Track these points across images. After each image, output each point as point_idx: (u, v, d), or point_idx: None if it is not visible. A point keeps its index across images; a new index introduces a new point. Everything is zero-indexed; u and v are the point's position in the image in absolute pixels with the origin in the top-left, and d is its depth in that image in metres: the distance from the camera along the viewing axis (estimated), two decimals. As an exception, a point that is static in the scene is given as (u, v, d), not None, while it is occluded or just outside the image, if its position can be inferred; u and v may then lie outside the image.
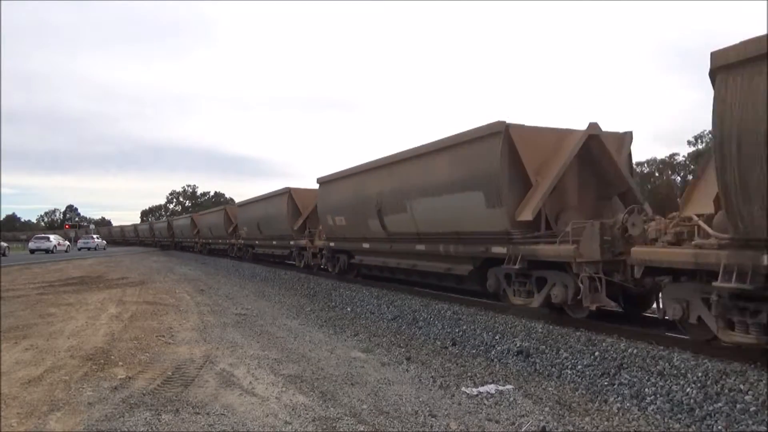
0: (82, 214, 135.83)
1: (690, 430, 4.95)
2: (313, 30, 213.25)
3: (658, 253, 6.68)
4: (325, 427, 4.95)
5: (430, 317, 9.97)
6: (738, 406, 4.93)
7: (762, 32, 5.35)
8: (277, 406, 5.53)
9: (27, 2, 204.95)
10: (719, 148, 5.44)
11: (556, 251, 8.17)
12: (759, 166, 5.12)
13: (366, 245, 14.22)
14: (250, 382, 6.35)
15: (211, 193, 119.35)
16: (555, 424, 5.10)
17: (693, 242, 6.23)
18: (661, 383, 5.65)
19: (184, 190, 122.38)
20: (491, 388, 6.19)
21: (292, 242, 20.30)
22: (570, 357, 6.86)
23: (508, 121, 8.84)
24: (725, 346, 6.11)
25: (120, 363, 7.15)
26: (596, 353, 6.66)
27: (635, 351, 6.35)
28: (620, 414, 5.36)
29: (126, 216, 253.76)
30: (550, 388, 6.25)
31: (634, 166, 10.57)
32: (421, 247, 11.55)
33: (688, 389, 5.39)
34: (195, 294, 15.67)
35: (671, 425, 5.05)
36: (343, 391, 6.11)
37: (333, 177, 16.00)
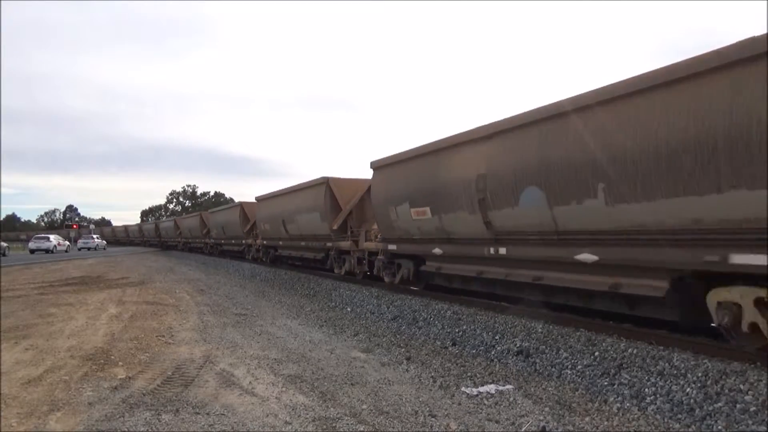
0: (82, 214, 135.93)
1: (690, 430, 4.95)
2: (314, 30, 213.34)
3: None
4: (325, 427, 4.95)
5: (430, 317, 9.97)
6: (738, 406, 4.93)
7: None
8: (277, 406, 5.53)
9: (27, 2, 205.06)
10: None
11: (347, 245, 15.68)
12: None
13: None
14: (250, 382, 6.35)
15: (211, 193, 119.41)
16: (555, 424, 5.09)
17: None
18: (661, 383, 5.65)
19: (184, 190, 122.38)
20: (491, 388, 6.19)
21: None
22: (570, 357, 6.86)
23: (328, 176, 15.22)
24: (725, 347, 6.11)
25: (120, 363, 7.15)
26: (596, 353, 6.66)
27: (635, 351, 6.35)
28: (620, 414, 5.35)
29: (126, 216, 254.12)
30: (550, 388, 6.25)
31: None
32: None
33: (688, 389, 5.38)
34: (195, 294, 15.68)
35: (671, 425, 5.05)
36: (343, 391, 6.11)
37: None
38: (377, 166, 13.37)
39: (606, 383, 6.08)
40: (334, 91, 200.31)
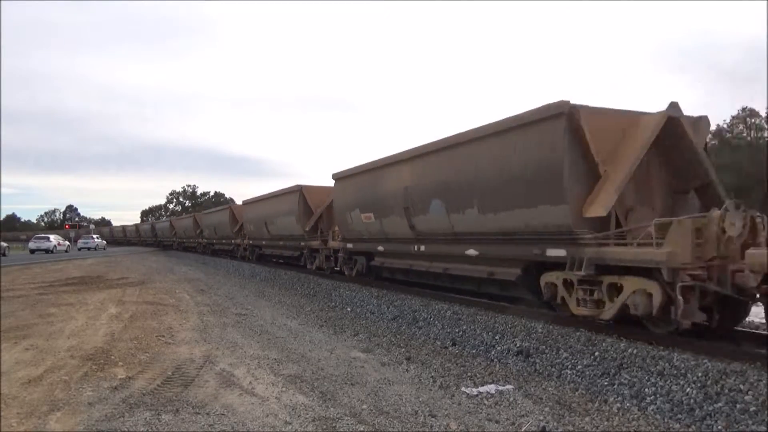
0: (82, 214, 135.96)
1: (690, 430, 4.95)
2: (314, 30, 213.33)
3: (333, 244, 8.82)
4: (325, 427, 4.95)
5: (430, 317, 9.97)
6: (738, 406, 4.94)
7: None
8: (277, 406, 5.53)
9: (27, 2, 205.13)
10: None
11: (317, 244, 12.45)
12: None
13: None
14: (250, 382, 6.36)
15: (211, 193, 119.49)
16: (555, 424, 5.10)
17: None
18: (661, 383, 5.65)
19: (184, 190, 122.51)
20: (491, 388, 6.19)
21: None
22: (570, 357, 6.86)
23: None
24: (725, 347, 6.11)
25: (120, 363, 7.15)
26: (596, 353, 6.66)
27: (635, 351, 6.35)
28: (620, 414, 5.36)
29: (126, 216, 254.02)
30: (550, 388, 6.26)
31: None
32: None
33: (688, 389, 5.39)
34: (195, 294, 15.68)
35: (671, 425, 5.05)
36: (343, 391, 6.11)
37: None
38: (337, 177, 15.66)
39: (606, 383, 6.09)
40: (334, 91, 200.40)
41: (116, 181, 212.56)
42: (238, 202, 31.21)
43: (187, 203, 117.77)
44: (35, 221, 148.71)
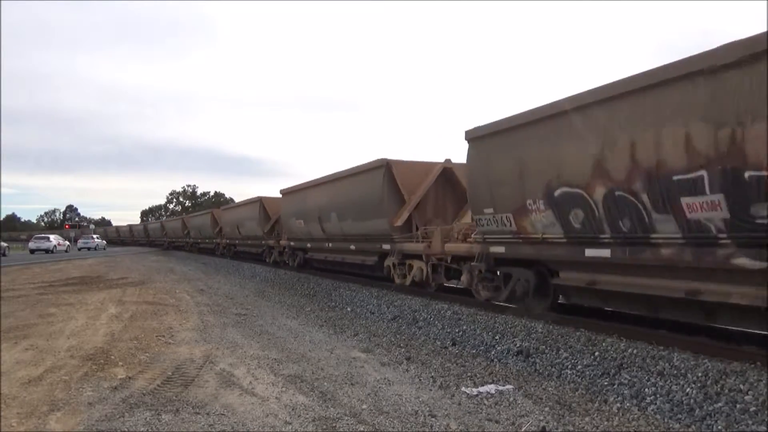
0: (82, 214, 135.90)
1: (690, 430, 4.95)
2: (314, 30, 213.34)
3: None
4: (325, 427, 4.95)
5: (430, 317, 9.97)
6: (738, 406, 4.93)
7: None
8: (277, 406, 5.53)
9: (27, 2, 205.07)
10: None
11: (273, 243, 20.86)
12: None
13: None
14: (250, 382, 6.35)
15: (211, 193, 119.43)
16: (555, 424, 5.10)
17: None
18: (661, 383, 5.65)
19: (184, 190, 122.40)
20: (491, 388, 6.19)
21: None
22: (570, 357, 6.86)
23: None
24: (724, 347, 6.12)
25: (120, 363, 7.15)
26: (596, 353, 6.66)
27: (635, 351, 6.35)
28: (620, 414, 5.35)
29: (126, 216, 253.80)
30: (550, 388, 6.25)
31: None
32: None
33: (688, 389, 5.39)
34: (195, 294, 15.68)
35: (671, 425, 5.05)
36: (343, 391, 6.11)
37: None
38: (284, 192, 21.07)
39: (606, 383, 6.09)
40: (334, 92, 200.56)
41: (116, 181, 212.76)
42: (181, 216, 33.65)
43: (187, 203, 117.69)
44: (35, 221, 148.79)
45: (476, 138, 9.65)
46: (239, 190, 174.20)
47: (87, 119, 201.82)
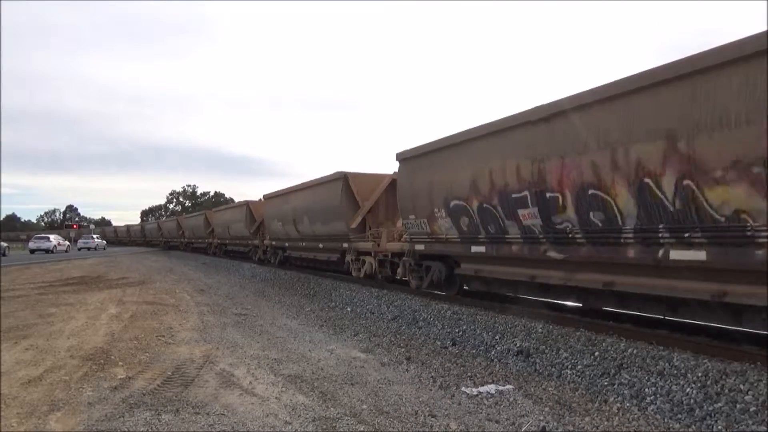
0: (82, 214, 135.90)
1: (690, 430, 4.95)
2: (314, 30, 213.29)
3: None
4: (325, 427, 4.95)
5: (430, 317, 9.97)
6: (738, 406, 4.93)
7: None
8: (277, 406, 5.53)
9: (27, 2, 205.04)
10: None
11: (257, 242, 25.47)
12: None
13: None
14: (250, 382, 6.35)
15: (211, 193, 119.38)
16: (555, 424, 5.10)
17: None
18: (661, 383, 5.65)
19: (184, 190, 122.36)
20: (491, 388, 6.19)
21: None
22: (570, 357, 6.86)
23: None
24: (725, 347, 6.12)
25: (120, 363, 7.15)
26: (596, 353, 6.66)
27: (635, 351, 6.35)
28: (620, 414, 5.35)
29: (126, 216, 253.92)
30: (550, 388, 6.25)
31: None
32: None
33: (688, 389, 5.39)
34: (195, 294, 15.68)
35: (671, 425, 5.05)
36: (343, 391, 6.11)
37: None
38: (266, 197, 23.81)
39: (606, 383, 6.09)
40: (334, 92, 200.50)
41: (116, 181, 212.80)
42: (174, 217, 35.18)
43: (187, 203, 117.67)
44: (35, 221, 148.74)
45: (404, 159, 12.24)
46: (239, 190, 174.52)
47: (87, 119, 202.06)
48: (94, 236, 63.80)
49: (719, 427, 4.85)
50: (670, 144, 6.13)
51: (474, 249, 9.95)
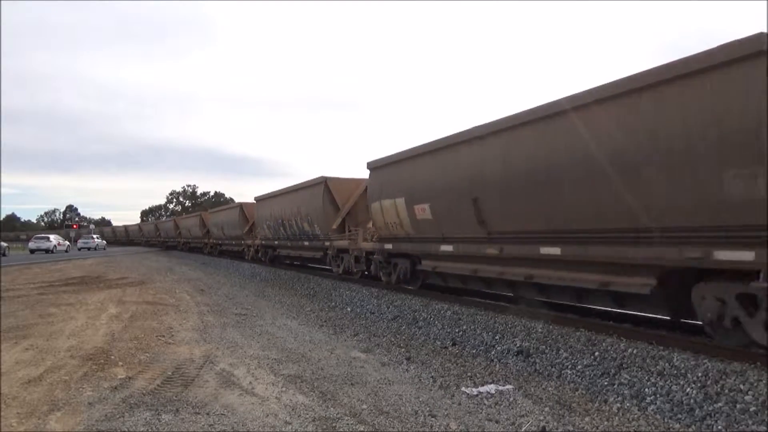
0: (82, 214, 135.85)
1: (690, 430, 4.95)
2: (314, 30, 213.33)
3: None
4: (325, 427, 4.95)
5: (430, 317, 9.97)
6: (738, 406, 4.93)
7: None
8: (277, 406, 5.53)
9: (27, 2, 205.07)
10: None
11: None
12: None
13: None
14: (250, 382, 6.35)
15: (211, 193, 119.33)
16: (555, 424, 5.10)
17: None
18: (661, 383, 5.65)
19: (184, 190, 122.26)
20: (491, 388, 6.19)
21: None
22: (570, 357, 6.86)
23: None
24: (725, 347, 6.12)
25: (120, 363, 7.15)
26: (596, 353, 6.66)
27: (635, 351, 6.35)
28: (620, 414, 5.35)
29: (126, 216, 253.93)
30: (550, 388, 6.25)
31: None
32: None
33: (688, 389, 5.39)
34: (195, 294, 15.68)
35: (671, 425, 5.05)
36: (343, 391, 6.11)
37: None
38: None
39: (606, 383, 6.09)
40: (334, 91, 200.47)
41: (116, 181, 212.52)
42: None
43: (187, 203, 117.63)
44: (35, 221, 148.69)
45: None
46: (239, 190, 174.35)
47: (87, 119, 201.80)
48: (94, 236, 63.79)
49: (719, 427, 4.85)
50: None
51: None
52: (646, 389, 5.67)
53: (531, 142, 8.00)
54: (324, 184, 16.68)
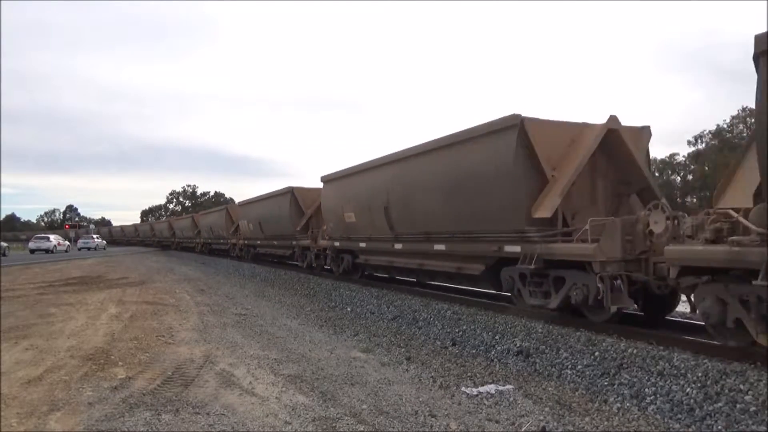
0: (82, 214, 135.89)
1: (690, 430, 4.95)
2: (315, 30, 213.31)
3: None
4: (325, 427, 4.95)
5: (430, 317, 9.97)
6: (738, 406, 4.93)
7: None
8: (277, 406, 5.53)
9: (27, 2, 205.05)
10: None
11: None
12: None
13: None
14: (250, 382, 6.35)
15: (211, 193, 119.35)
16: (555, 424, 5.10)
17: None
18: (661, 383, 5.65)
19: (184, 190, 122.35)
20: (491, 388, 6.19)
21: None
22: (570, 357, 6.86)
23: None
24: (728, 347, 6.11)
25: (120, 363, 7.15)
26: (596, 353, 6.66)
27: (635, 351, 6.35)
28: (620, 414, 5.36)
29: (126, 216, 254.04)
30: (550, 388, 6.25)
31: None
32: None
33: (688, 389, 5.38)
34: (195, 294, 15.67)
35: (671, 425, 5.05)
36: (343, 391, 6.11)
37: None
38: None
39: (606, 383, 6.08)
40: (334, 91, 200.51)
41: (116, 181, 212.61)
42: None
43: (187, 203, 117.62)
44: (35, 221, 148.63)
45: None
46: (239, 190, 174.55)
47: (87, 119, 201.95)
48: (95, 236, 63.78)
49: (719, 427, 4.85)
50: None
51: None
52: (646, 389, 5.67)
53: (409, 171, 11.65)
54: (291, 192, 20.03)
